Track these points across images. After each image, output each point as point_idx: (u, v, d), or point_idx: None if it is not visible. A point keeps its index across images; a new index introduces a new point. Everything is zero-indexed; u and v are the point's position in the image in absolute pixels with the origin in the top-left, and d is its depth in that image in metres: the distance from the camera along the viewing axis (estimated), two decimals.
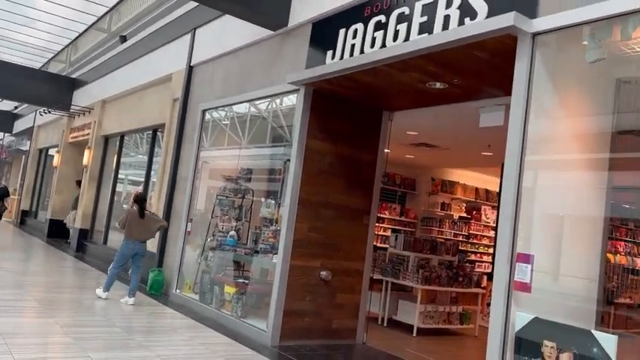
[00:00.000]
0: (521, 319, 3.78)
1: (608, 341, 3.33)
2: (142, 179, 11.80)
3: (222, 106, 8.52)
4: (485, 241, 13.46)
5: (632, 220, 13.90)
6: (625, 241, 14.00)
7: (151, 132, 11.47)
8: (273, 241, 6.87)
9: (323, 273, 6.42)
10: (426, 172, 12.80)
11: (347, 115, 6.70)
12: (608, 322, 9.91)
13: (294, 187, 6.30)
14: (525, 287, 3.79)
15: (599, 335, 3.38)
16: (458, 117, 7.08)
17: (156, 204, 9.80)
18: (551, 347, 3.56)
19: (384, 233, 12.23)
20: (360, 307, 6.81)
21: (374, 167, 6.98)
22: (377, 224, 12.10)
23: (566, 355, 3.48)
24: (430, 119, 7.66)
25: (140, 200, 7.86)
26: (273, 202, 7.35)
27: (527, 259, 3.83)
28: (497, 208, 4.41)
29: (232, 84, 8.11)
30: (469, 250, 13.09)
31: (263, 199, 7.61)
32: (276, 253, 6.49)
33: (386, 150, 7.16)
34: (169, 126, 9.82)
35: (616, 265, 12.78)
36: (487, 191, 13.43)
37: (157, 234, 8.44)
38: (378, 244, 11.70)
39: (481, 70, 5.04)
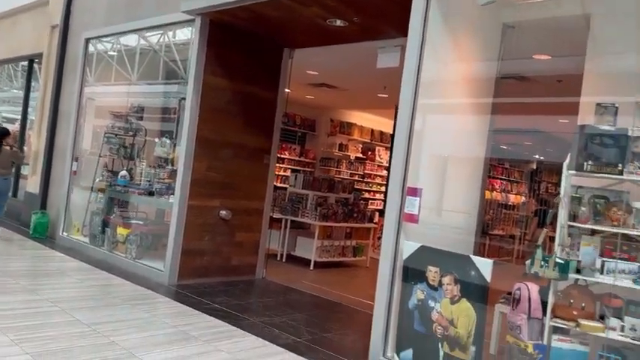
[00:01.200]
0: (408, 247, 4.07)
1: (484, 265, 3.71)
2: (19, 116, 10.70)
3: (108, 36, 7.83)
4: (378, 180, 14.14)
5: (507, 160, 15.30)
6: (501, 179, 15.43)
7: (26, 63, 10.32)
8: (170, 181, 6.66)
9: (222, 212, 6.39)
10: (325, 113, 12.97)
11: (247, 51, 6.50)
12: (484, 250, 11.04)
13: (191, 125, 6.09)
14: (413, 219, 4.07)
15: (476, 260, 3.76)
16: (357, 57, 7.16)
17: (36, 143, 8.99)
18: (435, 272, 3.90)
19: (284, 173, 12.36)
20: (259, 244, 6.92)
21: (274, 106, 6.92)
22: (277, 164, 12.23)
23: (447, 278, 3.83)
24: (330, 59, 7.68)
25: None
26: (169, 141, 7.06)
27: (415, 192, 4.08)
28: (391, 148, 4.60)
29: (119, 10, 7.46)
30: (364, 188, 13.70)
31: (157, 139, 7.28)
32: (172, 194, 6.31)
33: (286, 89, 7.10)
34: (48, 56, 8.89)
35: (492, 200, 14.11)
36: (381, 133, 13.97)
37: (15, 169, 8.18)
38: (278, 184, 11.83)
39: (380, 9, 5.09)
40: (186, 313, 4.99)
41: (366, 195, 13.56)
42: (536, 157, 13.93)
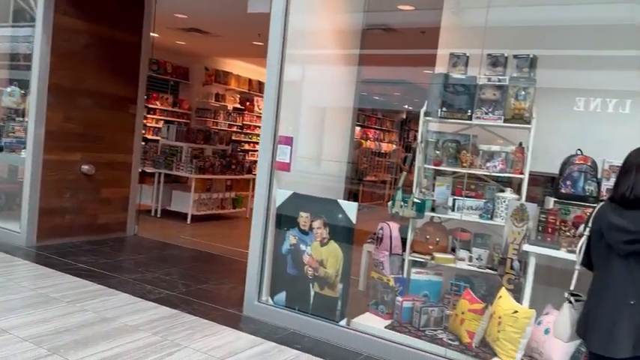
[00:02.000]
0: (281, 195, 4.14)
1: (350, 208, 3.89)
2: None
3: None
4: (257, 131, 14.04)
5: (380, 111, 15.97)
6: (374, 128, 16.13)
7: None
8: (22, 135, 6.00)
9: (84, 167, 5.93)
10: (199, 60, 12.41)
11: None
12: (358, 196, 11.55)
13: (42, 72, 5.47)
14: (285, 167, 4.12)
15: (343, 203, 3.93)
16: (227, 0, 6.87)
17: None
18: (306, 217, 4.03)
19: (156, 125, 11.74)
20: (129, 200, 6.58)
21: (138, 51, 6.44)
22: (148, 115, 11.58)
23: (317, 222, 3.98)
24: (199, 1, 7.27)
25: None
26: (18, 90, 6.30)
27: (287, 141, 4.11)
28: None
29: None
30: (243, 140, 13.55)
31: (3, 88, 6.46)
32: (25, 149, 5.71)
33: (152, 33, 6.63)
34: None
35: (366, 149, 14.73)
36: (260, 82, 13.78)
37: None
38: (150, 137, 11.23)
39: None
40: (48, 275, 4.64)
41: (246, 146, 13.45)
42: (406, 107, 14.73)
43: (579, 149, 3.70)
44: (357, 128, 14.26)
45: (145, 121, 10.68)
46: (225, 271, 5.47)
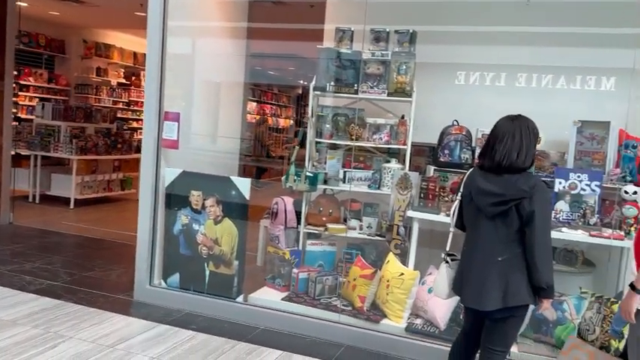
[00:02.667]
0: (170, 174, 3.99)
1: (243, 184, 3.86)
2: None
3: None
4: None
5: (276, 86, 15.88)
6: (271, 104, 16.03)
7: None
8: None
9: None
10: (76, 32, 11.42)
11: None
12: (256, 172, 11.47)
13: None
14: (174, 144, 3.97)
15: (236, 180, 3.89)
16: None
17: None
18: (198, 195, 3.93)
19: (30, 103, 10.70)
20: (1, 185, 5.98)
21: (3, 23, 5.79)
22: (20, 93, 10.50)
23: (210, 200, 3.90)
24: None
25: None
26: None
27: (174, 117, 3.96)
28: None
29: None
30: (130, 117, 12.81)
31: None
32: None
33: (20, 2, 5.98)
34: None
35: (265, 125, 14.59)
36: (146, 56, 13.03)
37: None
38: (24, 116, 10.24)
39: None
40: None
41: (134, 124, 12.73)
42: (301, 82, 14.78)
43: (455, 120, 3.96)
44: (253, 104, 14.09)
45: (16, 99, 9.71)
46: (114, 256, 5.21)
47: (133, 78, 13.04)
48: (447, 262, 2.58)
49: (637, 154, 3.56)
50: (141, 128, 13.53)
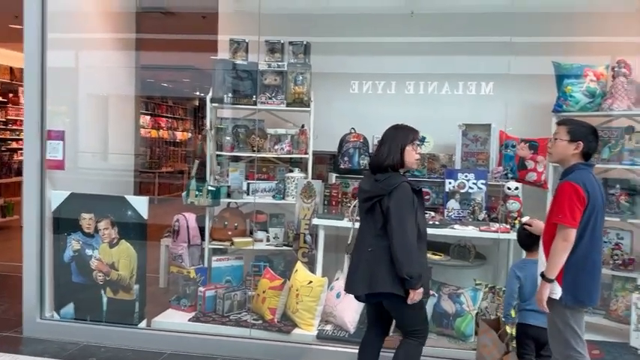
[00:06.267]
0: (56, 197, 3.69)
1: (139, 203, 3.67)
2: None
3: None
4: None
5: (170, 98, 15.37)
6: (166, 117, 15.46)
7: None
8: None
9: None
10: None
11: None
12: (153, 189, 11.01)
13: None
14: (59, 165, 3.68)
15: (131, 199, 3.68)
16: None
17: None
18: (90, 218, 3.67)
19: None
20: None
21: None
22: None
23: (103, 223, 3.66)
24: None
25: None
26: None
27: (58, 135, 3.67)
28: None
29: None
30: (9, 138, 11.70)
31: None
32: None
33: None
34: None
35: (159, 139, 14.07)
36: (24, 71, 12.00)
37: None
38: None
39: None
40: None
41: (14, 145, 11.64)
42: (197, 93, 14.45)
43: (353, 128, 4.09)
44: (147, 117, 13.51)
45: None
46: None
47: (11, 95, 11.94)
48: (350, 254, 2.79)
49: (516, 153, 3.90)
50: (21, 149, 12.42)
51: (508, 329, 3.12)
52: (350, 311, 3.52)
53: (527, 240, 2.94)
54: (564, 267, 2.43)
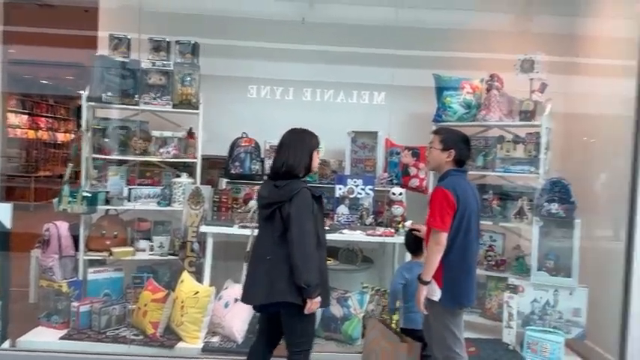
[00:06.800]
0: None
1: (1, 210, 3.29)
2: None
3: None
4: None
5: (51, 96, 14.18)
6: (46, 117, 14.22)
7: None
8: None
9: None
10: None
11: None
12: (28, 195, 10.06)
13: None
14: None
15: None
16: None
17: None
18: None
19: None
20: None
21: None
22: None
23: None
24: None
25: None
26: None
27: None
28: None
29: None
30: None
31: None
32: None
33: None
34: None
35: (37, 140, 12.89)
36: None
37: None
38: None
39: None
40: None
41: None
42: (81, 92, 13.48)
43: (244, 132, 4.00)
44: (23, 117, 12.35)
45: None
46: None
47: None
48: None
49: (400, 160, 4.05)
50: None
51: (394, 318, 3.21)
52: (238, 321, 3.42)
53: (414, 244, 3.05)
54: (442, 270, 2.54)
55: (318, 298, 2.44)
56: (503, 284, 3.69)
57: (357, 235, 3.59)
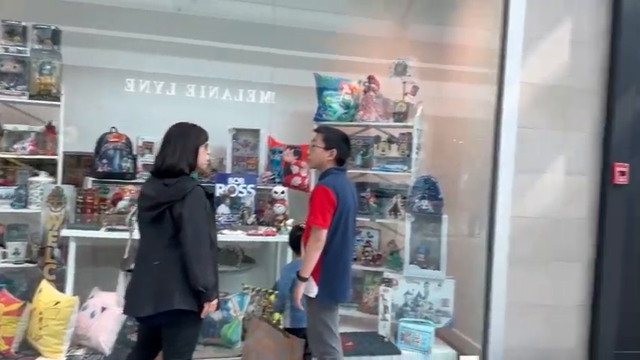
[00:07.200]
0: None
1: None
2: None
3: None
4: None
5: None
6: None
7: None
8: None
9: None
10: None
11: None
12: None
13: None
14: None
15: None
16: None
17: None
18: None
19: None
20: None
21: None
22: None
23: None
24: None
25: None
26: None
27: None
28: None
29: None
30: None
31: None
32: None
33: None
34: None
35: None
36: None
37: None
38: None
39: None
40: None
41: None
42: None
43: (114, 127, 3.72)
44: None
45: None
46: None
47: None
48: (128, 271, 2.47)
49: (282, 158, 4.03)
50: None
51: (275, 317, 3.17)
52: (105, 331, 3.15)
53: (299, 242, 3.03)
54: (320, 267, 2.56)
55: (216, 301, 2.32)
56: (380, 278, 3.83)
57: (238, 235, 3.50)
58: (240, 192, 3.79)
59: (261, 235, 3.54)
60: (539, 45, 3.50)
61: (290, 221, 3.68)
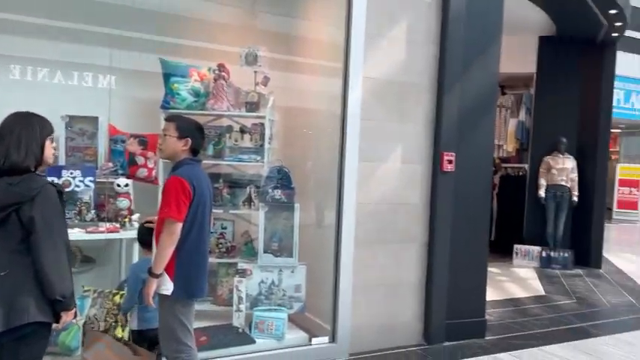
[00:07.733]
0: None
1: None
2: None
3: None
4: None
5: None
6: None
7: None
8: None
9: None
10: None
11: None
12: None
13: None
14: None
15: None
16: None
17: None
18: None
19: None
20: None
21: None
22: None
23: None
24: None
25: None
26: None
27: None
28: None
29: None
30: None
31: None
32: None
33: None
34: None
35: None
36: None
37: None
38: None
39: None
40: None
41: None
42: None
43: None
44: None
45: None
46: None
47: None
48: None
49: (126, 148, 3.75)
50: None
51: (119, 332, 2.97)
52: None
53: (149, 237, 2.83)
54: (175, 262, 2.44)
55: (75, 309, 2.09)
56: (234, 270, 3.79)
57: (75, 234, 3.18)
58: (77, 185, 3.45)
59: (102, 232, 3.26)
60: (379, 42, 3.74)
61: (136, 216, 3.45)
